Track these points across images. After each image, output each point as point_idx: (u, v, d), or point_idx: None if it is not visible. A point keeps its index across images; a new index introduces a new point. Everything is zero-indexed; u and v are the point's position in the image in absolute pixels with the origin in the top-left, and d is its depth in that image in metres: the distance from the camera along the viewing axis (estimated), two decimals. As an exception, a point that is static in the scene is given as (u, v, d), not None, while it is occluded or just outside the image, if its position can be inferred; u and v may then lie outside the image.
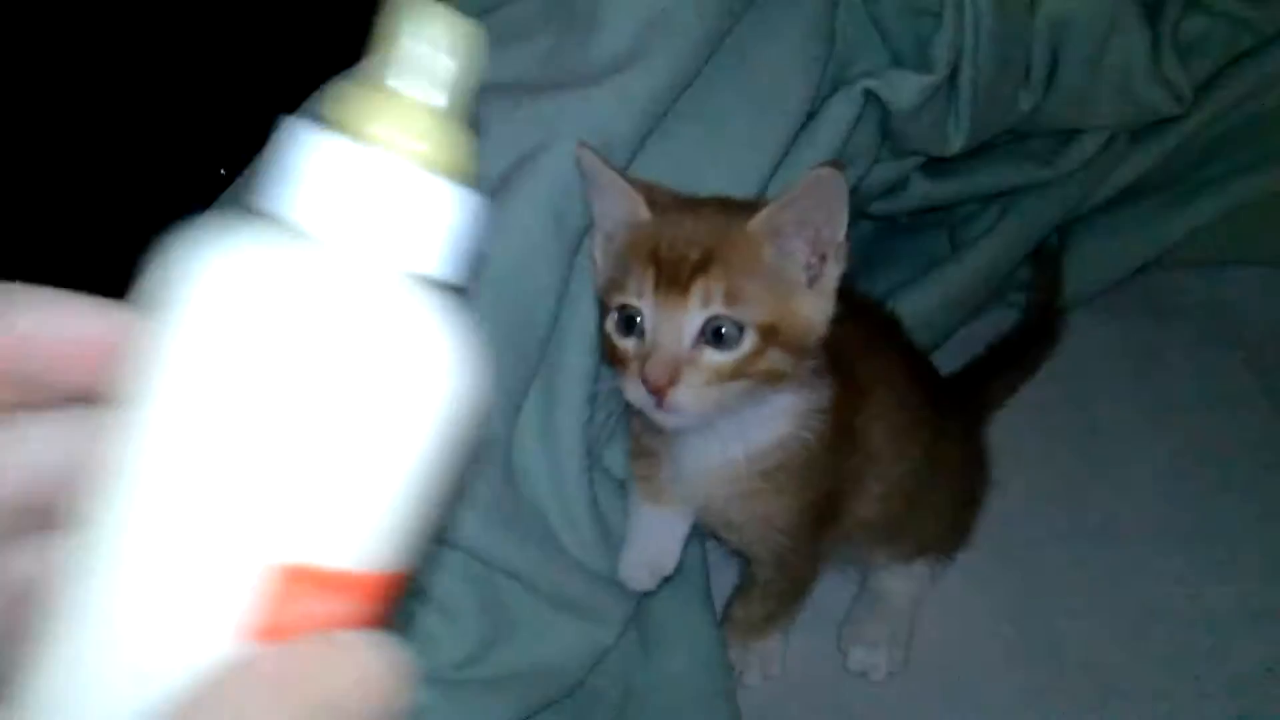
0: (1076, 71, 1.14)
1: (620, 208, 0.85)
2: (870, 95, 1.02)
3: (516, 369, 0.90)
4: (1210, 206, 1.31)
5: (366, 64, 0.32)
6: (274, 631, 0.30)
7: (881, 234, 1.38)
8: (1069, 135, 1.23)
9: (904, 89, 1.01)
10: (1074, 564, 1.15)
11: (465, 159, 0.33)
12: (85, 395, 0.34)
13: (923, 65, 1.03)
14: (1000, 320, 1.34)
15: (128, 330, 0.32)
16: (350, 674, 0.30)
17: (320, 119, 0.31)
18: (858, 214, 1.26)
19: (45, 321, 0.34)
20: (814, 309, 0.82)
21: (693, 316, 0.79)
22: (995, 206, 1.29)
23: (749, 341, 0.79)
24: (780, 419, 0.87)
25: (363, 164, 0.31)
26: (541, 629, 0.95)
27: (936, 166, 1.20)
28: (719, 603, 1.09)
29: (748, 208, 0.81)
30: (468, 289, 0.44)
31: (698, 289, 0.78)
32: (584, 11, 0.94)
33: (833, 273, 0.82)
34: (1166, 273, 1.38)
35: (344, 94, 0.32)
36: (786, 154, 0.99)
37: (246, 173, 0.94)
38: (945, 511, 1.08)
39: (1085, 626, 1.10)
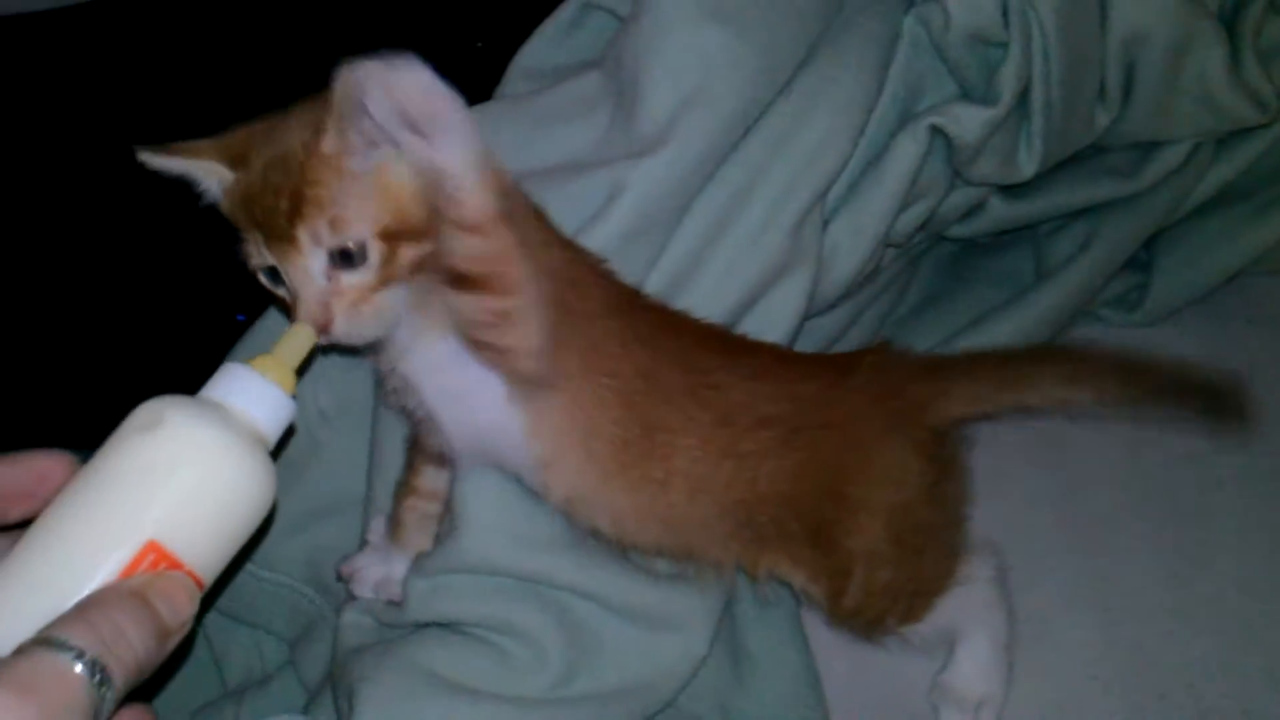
0: (1154, 86, 1.13)
1: (211, 181, 0.83)
2: (937, 130, 1.03)
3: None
4: (1301, 211, 1.27)
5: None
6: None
7: (964, 254, 1.38)
8: (1150, 147, 1.22)
9: (969, 123, 1.02)
10: (1170, 581, 1.13)
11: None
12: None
13: (989, 97, 1.03)
14: (1087, 335, 1.33)
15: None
16: (166, 588, 0.61)
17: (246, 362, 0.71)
18: (936, 237, 1.26)
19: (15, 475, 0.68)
20: (419, 188, 0.78)
21: (311, 259, 0.77)
22: (1081, 222, 1.28)
23: (375, 253, 0.78)
24: None
25: (255, 381, 0.69)
26: (626, 647, 0.97)
27: (1015, 187, 1.19)
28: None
29: (317, 120, 0.77)
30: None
31: (303, 234, 0.77)
32: (629, 88, 0.97)
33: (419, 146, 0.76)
34: (1258, 280, 1.35)
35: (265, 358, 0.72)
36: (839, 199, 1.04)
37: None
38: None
39: (1184, 650, 1.08)
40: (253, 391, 0.68)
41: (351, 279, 0.78)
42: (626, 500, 0.91)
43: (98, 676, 0.55)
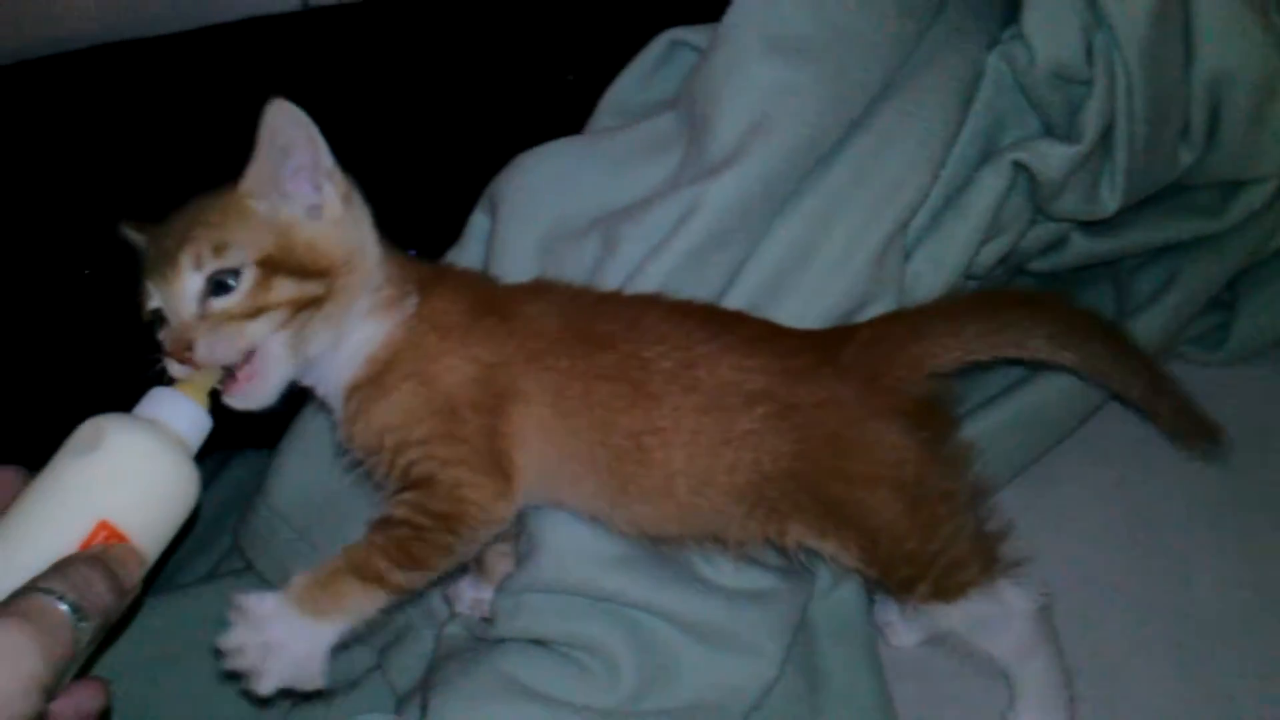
0: (1239, 125, 1.13)
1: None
2: (1020, 166, 1.05)
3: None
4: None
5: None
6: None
7: (1045, 289, 1.38)
8: (1234, 187, 1.22)
9: (1052, 159, 1.04)
10: (1247, 621, 1.12)
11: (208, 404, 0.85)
12: None
13: (1073, 134, 1.04)
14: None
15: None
16: (120, 555, 0.77)
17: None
18: (1017, 271, 1.27)
19: None
20: (322, 236, 0.89)
21: (187, 281, 0.85)
22: (1164, 260, 1.28)
23: (249, 278, 0.85)
24: (365, 347, 0.92)
25: (177, 398, 0.84)
26: (697, 666, 1.00)
27: (1096, 223, 1.20)
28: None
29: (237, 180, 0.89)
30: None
31: (187, 255, 0.85)
32: (700, 120, 1.03)
33: (332, 197, 0.89)
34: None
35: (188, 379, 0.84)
36: (921, 230, 1.07)
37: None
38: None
39: (1260, 691, 1.07)
40: (177, 408, 0.83)
41: (222, 303, 0.85)
42: (640, 509, 0.94)
43: (77, 614, 0.71)
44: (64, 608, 0.70)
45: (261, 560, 1.14)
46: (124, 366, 0.89)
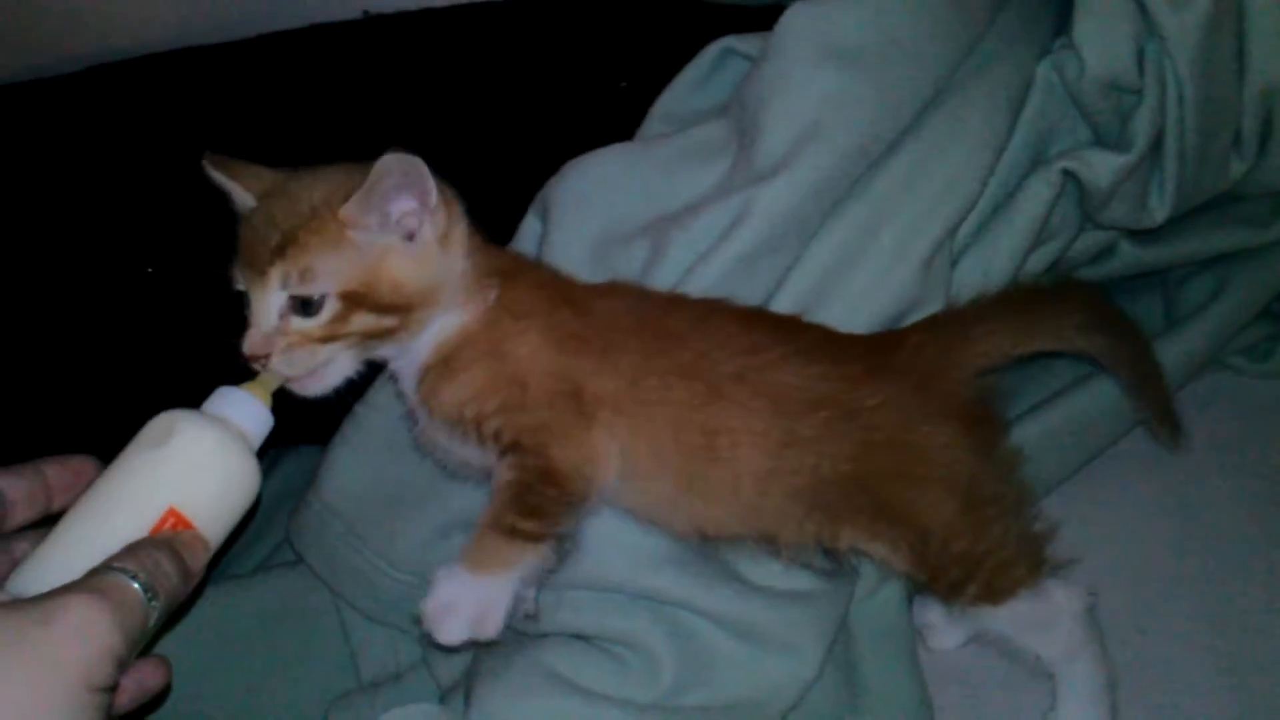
0: (1292, 136, 1.13)
1: (246, 200, 0.93)
2: (1069, 174, 1.05)
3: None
4: None
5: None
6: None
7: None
8: (1287, 198, 1.21)
9: (1101, 169, 1.04)
10: None
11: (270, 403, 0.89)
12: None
13: (1122, 143, 1.04)
14: (1217, 383, 1.32)
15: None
16: (187, 540, 0.82)
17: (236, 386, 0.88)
18: (1066, 279, 1.27)
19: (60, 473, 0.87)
20: (410, 266, 0.89)
21: (272, 295, 0.87)
22: (1213, 270, 1.28)
23: (330, 309, 0.87)
24: (440, 335, 0.93)
25: (244, 397, 0.88)
26: (737, 663, 1.01)
27: (1145, 232, 1.20)
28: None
29: (345, 184, 0.87)
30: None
31: (276, 271, 0.86)
32: (750, 127, 1.05)
33: (429, 236, 0.89)
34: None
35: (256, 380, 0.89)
36: (969, 236, 1.07)
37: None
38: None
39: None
40: (243, 407, 0.88)
41: (301, 324, 0.88)
42: (702, 509, 0.96)
43: (148, 593, 0.75)
44: (136, 586, 0.75)
45: (311, 553, 1.17)
46: (190, 363, 0.94)
